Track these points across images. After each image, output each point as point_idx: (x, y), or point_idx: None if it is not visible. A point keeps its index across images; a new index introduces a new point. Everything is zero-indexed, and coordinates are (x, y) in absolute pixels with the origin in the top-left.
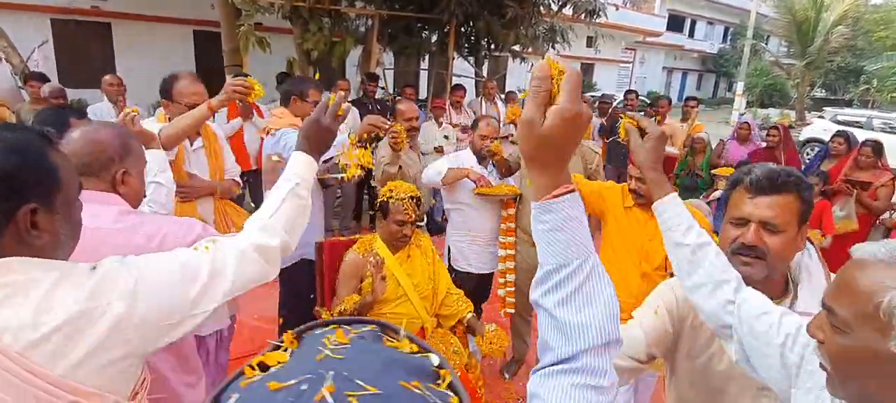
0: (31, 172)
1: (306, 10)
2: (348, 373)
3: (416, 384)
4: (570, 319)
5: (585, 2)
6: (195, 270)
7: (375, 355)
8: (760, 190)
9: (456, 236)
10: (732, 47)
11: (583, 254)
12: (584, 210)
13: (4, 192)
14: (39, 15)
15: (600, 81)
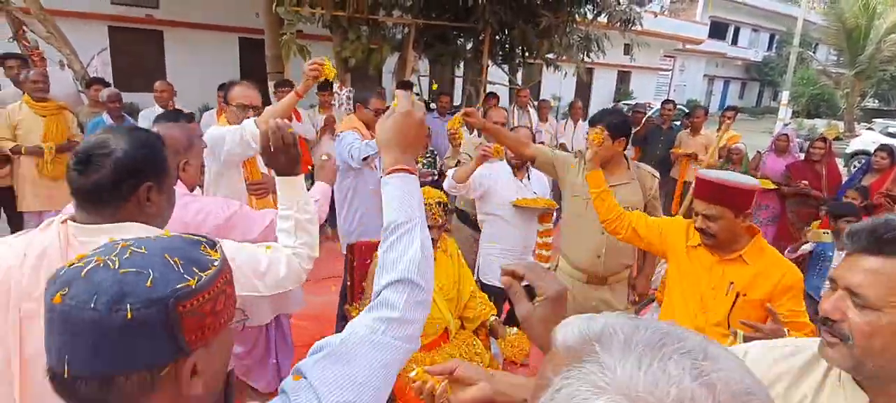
0: (151, 160)
1: (346, 20)
2: (133, 244)
3: (176, 260)
4: (386, 259)
5: (621, 11)
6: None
7: (166, 240)
8: (859, 244)
9: (486, 247)
10: (778, 55)
11: (409, 218)
12: (417, 186)
13: (134, 172)
14: (98, 23)
15: (637, 90)
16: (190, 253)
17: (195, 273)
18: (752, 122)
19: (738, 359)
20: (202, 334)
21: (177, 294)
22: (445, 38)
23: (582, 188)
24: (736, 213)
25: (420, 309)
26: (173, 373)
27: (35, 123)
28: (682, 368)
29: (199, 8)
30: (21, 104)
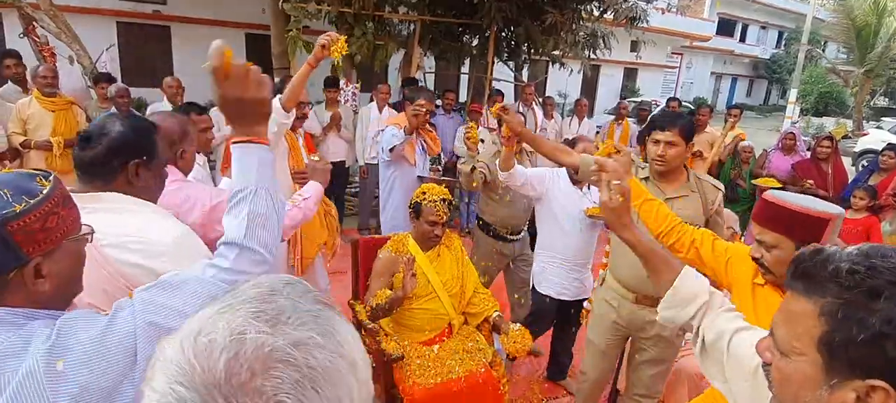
0: (140, 143)
1: (352, 16)
2: None
3: (6, 191)
4: (225, 222)
5: (627, 8)
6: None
7: (3, 175)
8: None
9: (542, 256)
10: (786, 52)
11: (244, 186)
12: (259, 155)
13: (124, 151)
14: (107, 18)
15: (644, 87)
16: (22, 185)
17: (23, 199)
18: (760, 120)
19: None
20: (37, 246)
21: (4, 217)
22: (451, 35)
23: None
24: (798, 244)
25: (253, 266)
26: (20, 277)
27: (45, 118)
28: (242, 316)
29: (206, 3)
30: (31, 99)
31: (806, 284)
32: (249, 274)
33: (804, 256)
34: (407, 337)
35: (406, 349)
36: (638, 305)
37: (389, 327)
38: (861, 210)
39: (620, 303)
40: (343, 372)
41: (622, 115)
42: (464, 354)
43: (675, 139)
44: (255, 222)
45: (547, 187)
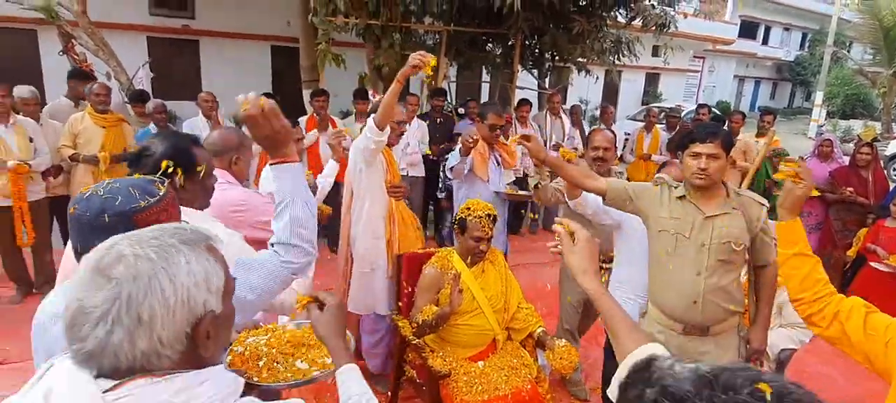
0: (181, 157)
1: (379, 28)
2: (112, 182)
3: (136, 190)
4: (274, 226)
5: (656, 15)
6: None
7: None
8: None
9: (616, 287)
10: (811, 54)
11: (282, 198)
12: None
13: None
14: (138, 34)
15: (667, 92)
16: (147, 188)
17: (146, 198)
18: (784, 123)
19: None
20: None
21: (134, 209)
22: (475, 44)
23: (671, 221)
24: None
25: (299, 257)
26: None
27: (95, 134)
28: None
29: (232, 17)
30: (84, 115)
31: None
32: (297, 264)
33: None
34: (452, 353)
35: (452, 365)
36: (687, 336)
37: (434, 343)
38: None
39: (667, 336)
40: (163, 281)
41: (651, 122)
42: (509, 370)
43: (717, 151)
44: (296, 224)
45: (626, 215)
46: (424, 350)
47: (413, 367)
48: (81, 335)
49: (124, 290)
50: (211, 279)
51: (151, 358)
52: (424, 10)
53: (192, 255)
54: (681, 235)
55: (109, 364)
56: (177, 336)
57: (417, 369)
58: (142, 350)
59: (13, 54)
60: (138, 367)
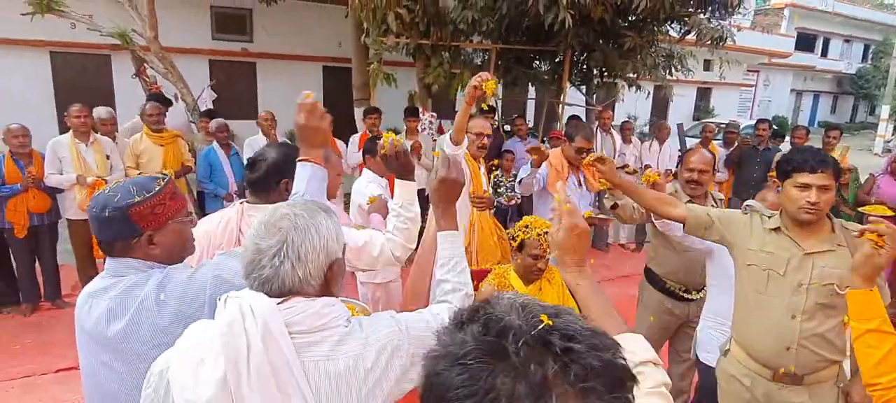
0: (289, 166)
1: (429, 47)
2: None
3: (134, 187)
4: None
5: (711, 29)
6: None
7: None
8: None
9: (708, 318)
10: (874, 67)
11: (302, 190)
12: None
13: (277, 173)
14: (201, 57)
15: (719, 106)
16: (144, 184)
17: (142, 193)
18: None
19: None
20: (149, 223)
21: (130, 204)
22: (523, 61)
23: (762, 255)
24: None
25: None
26: (141, 242)
27: (155, 152)
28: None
29: (287, 40)
30: (142, 135)
31: None
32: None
33: None
34: None
35: None
36: (777, 383)
37: None
38: None
39: (753, 381)
40: (312, 232)
41: (707, 138)
42: None
43: (828, 182)
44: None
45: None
46: None
47: None
48: (261, 266)
49: (289, 236)
50: (339, 235)
51: (304, 285)
52: (474, 28)
53: (327, 218)
54: (774, 272)
55: (277, 287)
56: (319, 271)
57: None
58: (300, 276)
59: (89, 77)
60: (296, 290)
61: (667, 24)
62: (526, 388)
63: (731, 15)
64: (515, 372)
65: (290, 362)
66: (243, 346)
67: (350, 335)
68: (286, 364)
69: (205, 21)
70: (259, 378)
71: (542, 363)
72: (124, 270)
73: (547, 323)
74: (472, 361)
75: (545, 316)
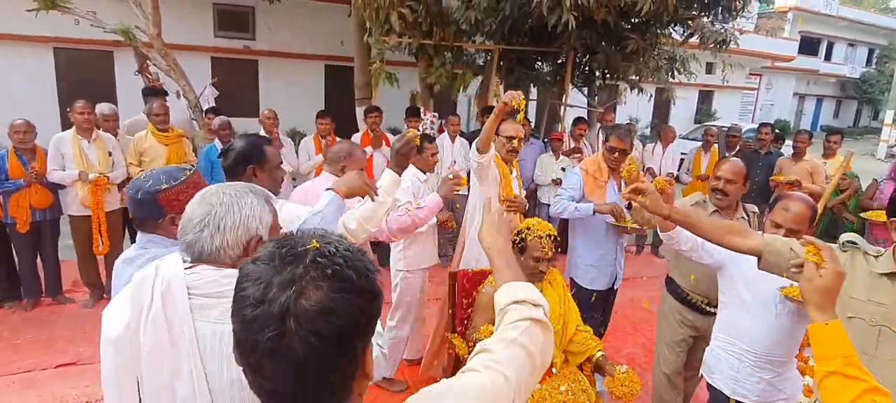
0: (253, 154)
1: (432, 47)
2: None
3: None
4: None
5: (715, 31)
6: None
7: (170, 167)
8: None
9: (718, 336)
10: (879, 71)
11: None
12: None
13: (244, 160)
14: (203, 54)
15: (721, 109)
16: (173, 173)
17: (170, 181)
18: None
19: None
20: (173, 207)
21: (158, 189)
22: (525, 62)
23: (870, 307)
24: None
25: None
26: (164, 222)
27: (159, 151)
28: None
29: (289, 38)
30: (147, 133)
31: None
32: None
33: None
34: None
35: None
36: None
37: None
38: None
39: None
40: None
41: (709, 142)
42: (568, 395)
43: None
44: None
45: (730, 254)
46: None
47: None
48: (186, 231)
49: (214, 209)
50: (263, 216)
51: (221, 254)
52: (477, 29)
53: (254, 199)
54: (887, 329)
55: (197, 252)
56: (237, 244)
57: None
58: (217, 245)
59: (92, 74)
60: (213, 258)
61: (670, 27)
62: (280, 279)
63: (734, 18)
64: (274, 268)
65: (183, 319)
66: (147, 298)
67: None
68: (179, 320)
69: (207, 18)
70: (154, 328)
71: (297, 264)
72: (148, 243)
73: (314, 245)
74: (259, 262)
75: (315, 240)
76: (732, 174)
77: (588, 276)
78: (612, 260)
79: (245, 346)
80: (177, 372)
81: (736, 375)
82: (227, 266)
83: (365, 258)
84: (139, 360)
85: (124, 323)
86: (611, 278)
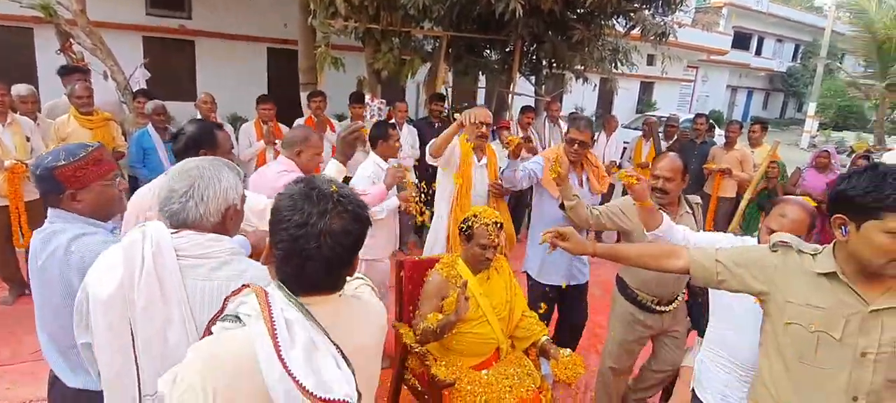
0: (203, 138)
1: (379, 32)
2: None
3: (64, 152)
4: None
5: (655, 24)
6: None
7: (71, 144)
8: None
9: (705, 346)
10: (803, 66)
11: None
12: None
13: (195, 144)
14: (134, 34)
15: (660, 100)
16: (73, 150)
17: (68, 157)
18: (776, 134)
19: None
20: (72, 183)
21: (55, 166)
22: (474, 50)
23: (809, 311)
24: None
25: None
26: (67, 197)
27: (83, 135)
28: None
29: (229, 19)
30: (69, 118)
31: None
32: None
33: None
34: (454, 362)
35: (456, 374)
36: None
37: (437, 351)
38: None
39: None
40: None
41: (649, 131)
42: (514, 379)
43: None
44: None
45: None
46: (427, 358)
47: (414, 375)
48: (172, 201)
49: (196, 182)
50: (238, 188)
51: (202, 221)
52: (425, 14)
53: (230, 173)
54: (826, 335)
55: (181, 220)
56: (217, 211)
57: (418, 377)
58: (200, 213)
59: (8, 52)
60: (195, 224)
61: (613, 19)
62: (316, 209)
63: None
64: (311, 203)
65: (173, 276)
66: (138, 259)
67: (227, 264)
68: (170, 278)
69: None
70: (147, 285)
71: (327, 202)
72: (54, 218)
73: (334, 189)
74: (295, 197)
75: (335, 186)
76: (670, 171)
77: (540, 268)
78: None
79: (292, 254)
80: (169, 322)
81: (725, 389)
82: (207, 231)
83: (360, 199)
84: (132, 314)
85: (117, 281)
86: (566, 273)
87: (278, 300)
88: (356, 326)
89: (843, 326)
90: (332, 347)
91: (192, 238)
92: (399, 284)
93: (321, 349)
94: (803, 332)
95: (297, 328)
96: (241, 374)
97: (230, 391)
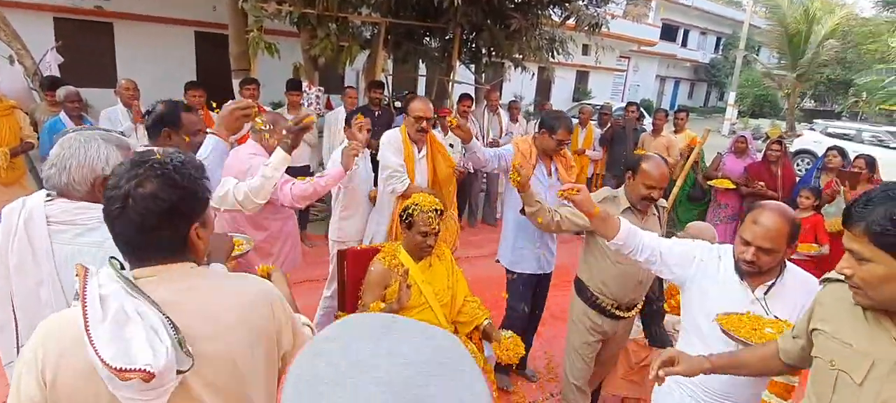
0: (170, 115)
1: (314, 16)
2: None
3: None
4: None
5: (589, 15)
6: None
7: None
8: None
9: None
10: (724, 57)
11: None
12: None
13: (164, 121)
14: (43, 14)
15: (595, 89)
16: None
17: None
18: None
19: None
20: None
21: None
22: (413, 37)
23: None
24: None
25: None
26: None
27: None
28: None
29: (151, 1)
30: None
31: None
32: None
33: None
34: None
35: None
36: None
37: None
38: (807, 209)
39: None
40: (81, 152)
41: (585, 119)
42: None
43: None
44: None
45: (692, 272)
46: None
47: None
48: (46, 167)
49: (64, 151)
50: (110, 159)
51: (70, 189)
52: (362, 0)
53: (103, 145)
54: (845, 376)
55: (52, 186)
56: (83, 181)
57: None
58: (65, 181)
59: None
60: (64, 192)
61: (549, 8)
62: (128, 174)
63: (606, 3)
64: (126, 169)
65: (43, 241)
66: (12, 226)
67: (93, 231)
68: (40, 242)
69: None
70: (18, 247)
71: (141, 167)
72: None
73: (158, 156)
74: (122, 165)
75: (159, 154)
76: (661, 179)
77: (512, 257)
78: (536, 240)
79: (106, 213)
80: (40, 282)
81: None
82: (80, 200)
83: (194, 169)
84: (9, 274)
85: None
86: (537, 261)
87: (102, 275)
88: (212, 298)
89: (867, 368)
90: (157, 317)
91: (62, 205)
92: (341, 274)
93: (133, 319)
94: (824, 366)
95: (111, 301)
96: (67, 351)
97: (58, 367)
